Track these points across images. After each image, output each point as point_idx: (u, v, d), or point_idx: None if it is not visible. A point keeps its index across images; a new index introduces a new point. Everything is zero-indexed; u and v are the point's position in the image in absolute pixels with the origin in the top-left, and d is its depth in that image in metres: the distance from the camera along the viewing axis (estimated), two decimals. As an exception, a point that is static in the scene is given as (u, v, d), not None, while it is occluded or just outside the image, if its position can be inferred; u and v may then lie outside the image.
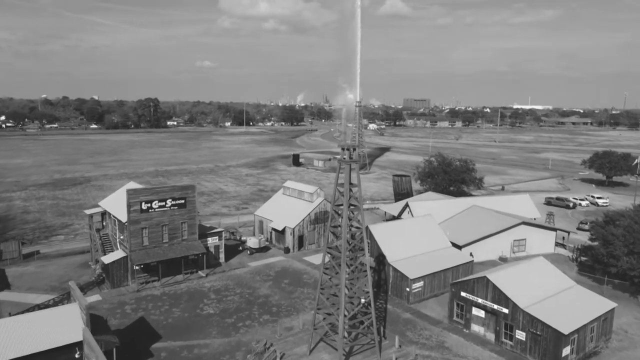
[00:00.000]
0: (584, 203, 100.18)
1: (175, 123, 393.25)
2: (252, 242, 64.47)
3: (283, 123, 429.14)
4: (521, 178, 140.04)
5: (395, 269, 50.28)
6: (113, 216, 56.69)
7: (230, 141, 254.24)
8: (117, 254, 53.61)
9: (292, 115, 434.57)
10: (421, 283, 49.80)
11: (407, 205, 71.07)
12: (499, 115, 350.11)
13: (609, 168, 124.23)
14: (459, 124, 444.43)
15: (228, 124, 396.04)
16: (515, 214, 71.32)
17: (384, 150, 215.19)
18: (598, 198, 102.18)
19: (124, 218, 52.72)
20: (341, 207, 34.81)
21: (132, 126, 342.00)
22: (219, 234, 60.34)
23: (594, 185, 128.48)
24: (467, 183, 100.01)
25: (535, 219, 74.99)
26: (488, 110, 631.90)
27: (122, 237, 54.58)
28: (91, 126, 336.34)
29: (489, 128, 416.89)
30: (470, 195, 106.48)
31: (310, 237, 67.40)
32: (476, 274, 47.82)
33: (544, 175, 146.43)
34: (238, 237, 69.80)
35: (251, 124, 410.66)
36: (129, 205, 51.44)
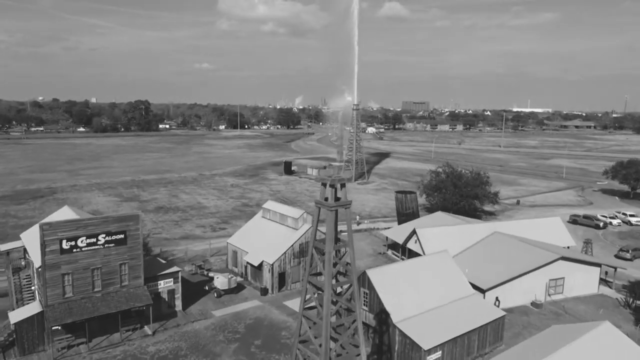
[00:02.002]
0: (614, 222, 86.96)
1: (167, 126, 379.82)
2: (220, 282, 51.15)
3: (279, 126, 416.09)
4: (535, 189, 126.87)
5: (402, 334, 37.01)
6: (28, 256, 43.41)
7: (221, 146, 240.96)
8: (31, 309, 40.30)
9: (288, 118, 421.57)
10: (439, 354, 36.57)
11: (414, 232, 57.86)
12: (503, 120, 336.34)
13: (634, 179, 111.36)
14: (459, 127, 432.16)
15: (222, 127, 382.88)
16: (545, 242, 58.31)
17: (384, 155, 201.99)
18: (631, 216, 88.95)
19: (38, 261, 39.43)
20: (321, 278, 21.61)
21: (122, 129, 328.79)
22: (174, 275, 46.96)
23: (617, 198, 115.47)
24: (480, 199, 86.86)
25: (569, 247, 62.01)
26: (489, 113, 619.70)
27: (33, 286, 41.28)
28: (78, 129, 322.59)
29: (491, 131, 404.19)
30: (483, 211, 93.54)
31: (293, 274, 54.09)
32: (520, 346, 34.50)
33: (560, 185, 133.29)
34: (205, 272, 56.55)
35: (246, 127, 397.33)
36: (43, 245, 38.12)
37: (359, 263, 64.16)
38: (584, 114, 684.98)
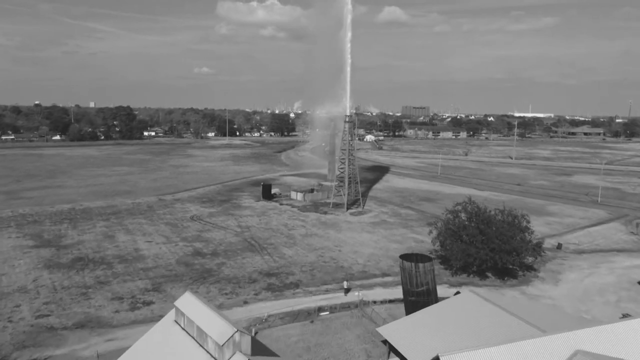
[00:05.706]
0: None
1: (152, 133, 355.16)
2: None
3: (272, 133, 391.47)
4: (572, 221, 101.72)
5: None
6: None
7: (203, 157, 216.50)
8: None
9: (282, 125, 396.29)
10: None
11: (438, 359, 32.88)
12: (515, 129, 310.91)
13: None
14: (463, 134, 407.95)
15: (211, 134, 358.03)
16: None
17: (383, 170, 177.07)
18: None
19: None
20: None
21: (102, 137, 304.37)
22: None
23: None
24: (520, 253, 61.70)
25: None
26: (492, 119, 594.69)
27: None
28: (53, 138, 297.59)
29: (497, 139, 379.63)
30: (519, 264, 68.08)
31: None
32: None
33: (600, 215, 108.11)
34: None
35: (237, 134, 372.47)
36: None
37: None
38: (589, 119, 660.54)
